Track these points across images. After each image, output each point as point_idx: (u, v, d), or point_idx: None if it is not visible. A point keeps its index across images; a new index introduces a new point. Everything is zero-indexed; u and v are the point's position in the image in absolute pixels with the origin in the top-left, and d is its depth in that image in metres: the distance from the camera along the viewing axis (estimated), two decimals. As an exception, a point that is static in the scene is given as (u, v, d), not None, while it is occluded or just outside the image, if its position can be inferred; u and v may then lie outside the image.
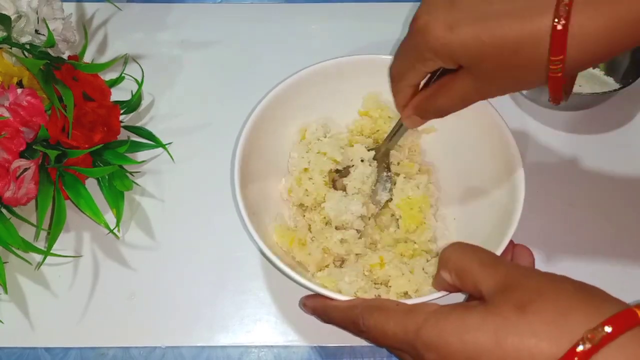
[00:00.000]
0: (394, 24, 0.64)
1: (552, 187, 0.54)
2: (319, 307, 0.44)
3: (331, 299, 0.42)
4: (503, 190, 0.47)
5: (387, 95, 0.54)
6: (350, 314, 0.41)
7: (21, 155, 0.48)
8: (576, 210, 0.54)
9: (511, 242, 0.44)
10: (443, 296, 0.41)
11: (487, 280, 0.36)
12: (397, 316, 0.38)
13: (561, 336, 0.31)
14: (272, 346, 0.49)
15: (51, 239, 0.49)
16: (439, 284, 0.41)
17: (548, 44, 0.34)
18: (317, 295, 0.43)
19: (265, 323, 0.49)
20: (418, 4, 0.65)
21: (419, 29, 0.38)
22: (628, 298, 0.34)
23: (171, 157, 0.56)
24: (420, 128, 0.53)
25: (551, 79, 0.36)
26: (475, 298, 0.38)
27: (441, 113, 0.44)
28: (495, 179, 0.48)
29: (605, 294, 0.33)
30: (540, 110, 0.58)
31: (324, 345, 0.49)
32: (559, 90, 0.37)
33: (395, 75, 0.44)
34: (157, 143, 0.55)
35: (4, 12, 0.50)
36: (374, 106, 0.53)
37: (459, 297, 0.43)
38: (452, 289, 0.40)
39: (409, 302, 0.40)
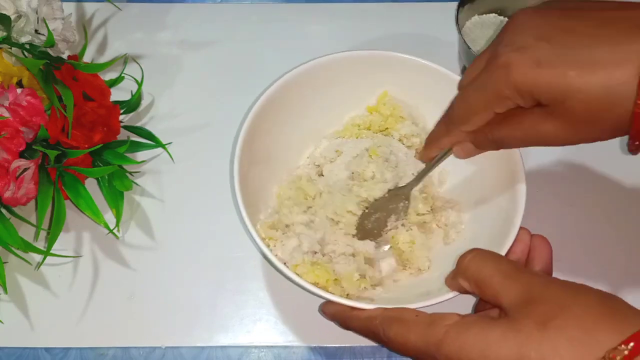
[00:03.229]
0: (394, 24, 0.64)
1: (552, 188, 0.54)
2: (339, 315, 0.43)
3: (350, 308, 0.42)
4: (505, 196, 0.47)
5: (395, 93, 0.54)
6: (369, 324, 0.41)
7: (21, 155, 0.48)
8: (576, 210, 0.54)
9: (528, 232, 0.44)
10: (455, 296, 0.41)
11: (507, 292, 0.35)
12: (418, 328, 0.38)
13: (585, 354, 0.31)
14: (272, 346, 0.49)
15: (51, 239, 0.49)
16: (453, 286, 0.41)
17: (635, 90, 0.33)
18: (336, 303, 0.43)
19: (265, 323, 0.49)
20: (418, 4, 0.65)
21: (502, 64, 0.37)
22: (628, 298, 0.34)
23: (171, 157, 0.56)
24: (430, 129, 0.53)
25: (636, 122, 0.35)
26: (492, 304, 0.38)
27: (501, 144, 0.42)
28: (498, 185, 0.48)
29: (628, 308, 0.33)
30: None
31: (324, 345, 0.49)
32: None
33: (462, 114, 0.42)
34: (157, 143, 0.55)
35: (3, 12, 0.50)
36: (386, 104, 0.53)
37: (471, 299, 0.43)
38: (467, 293, 0.40)
39: (426, 305, 0.40)
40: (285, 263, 0.45)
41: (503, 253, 0.43)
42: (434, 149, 0.47)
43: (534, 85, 0.36)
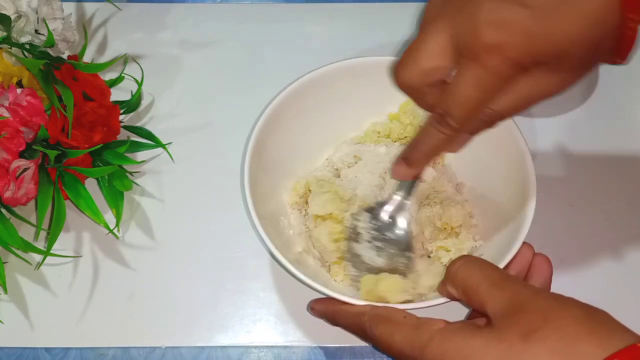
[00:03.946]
0: (395, 24, 0.64)
1: (552, 187, 0.54)
2: (328, 312, 0.43)
3: (340, 303, 0.42)
4: (514, 201, 0.46)
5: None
6: (357, 320, 0.41)
7: (21, 155, 0.48)
8: (576, 210, 0.54)
9: (531, 249, 0.44)
10: (446, 302, 0.41)
11: (493, 300, 0.35)
12: (404, 330, 0.38)
13: None
14: (272, 346, 0.49)
15: (51, 239, 0.49)
16: (443, 292, 0.41)
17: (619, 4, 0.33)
18: (326, 300, 0.43)
19: (265, 323, 0.49)
20: (418, 4, 0.65)
21: (491, 47, 0.34)
22: (628, 299, 0.34)
23: (171, 157, 0.56)
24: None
25: (627, 37, 0.34)
26: (478, 312, 0.37)
27: (497, 120, 0.39)
28: (507, 189, 0.48)
29: (614, 323, 0.33)
30: (539, 110, 0.58)
31: (324, 345, 0.49)
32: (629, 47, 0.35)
33: (464, 114, 0.37)
34: (157, 143, 0.55)
35: (3, 12, 0.50)
36: (407, 112, 0.53)
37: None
38: (457, 300, 0.40)
39: (416, 307, 0.40)
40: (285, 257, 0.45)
41: (502, 266, 0.42)
42: (427, 160, 0.42)
43: (534, 54, 0.34)
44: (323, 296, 0.43)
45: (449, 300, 0.41)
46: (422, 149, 0.41)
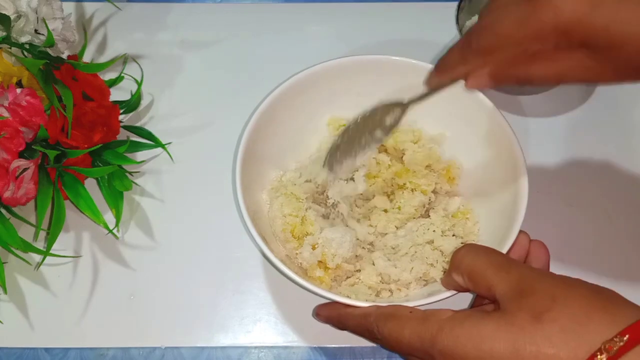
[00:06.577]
0: (394, 24, 0.64)
1: (551, 187, 0.55)
2: (334, 316, 0.43)
3: (345, 306, 0.42)
4: (508, 193, 0.47)
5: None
6: (364, 322, 0.41)
7: (20, 155, 0.48)
8: (576, 210, 0.54)
9: (527, 237, 0.44)
10: (453, 295, 0.41)
11: (500, 284, 0.36)
12: (412, 324, 0.38)
13: (579, 346, 0.31)
14: (272, 346, 0.49)
15: (50, 239, 0.49)
16: (449, 283, 0.41)
17: None
18: (330, 304, 0.43)
19: (265, 323, 0.49)
20: (418, 4, 0.65)
21: (550, 1, 0.34)
22: (628, 298, 0.34)
23: (171, 157, 0.56)
24: (435, 133, 0.53)
25: None
26: (485, 298, 0.38)
27: (524, 81, 0.39)
28: (501, 182, 0.48)
29: (621, 300, 0.33)
30: (539, 109, 0.58)
31: (324, 345, 0.49)
32: None
33: (489, 45, 0.38)
34: (157, 143, 0.55)
35: (3, 11, 0.50)
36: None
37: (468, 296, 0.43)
38: (462, 289, 0.40)
39: (422, 303, 0.40)
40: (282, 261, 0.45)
41: (505, 249, 0.43)
42: (446, 76, 0.44)
43: (588, 29, 0.33)
44: (326, 300, 0.43)
45: (454, 293, 0.41)
46: (445, 60, 0.43)
